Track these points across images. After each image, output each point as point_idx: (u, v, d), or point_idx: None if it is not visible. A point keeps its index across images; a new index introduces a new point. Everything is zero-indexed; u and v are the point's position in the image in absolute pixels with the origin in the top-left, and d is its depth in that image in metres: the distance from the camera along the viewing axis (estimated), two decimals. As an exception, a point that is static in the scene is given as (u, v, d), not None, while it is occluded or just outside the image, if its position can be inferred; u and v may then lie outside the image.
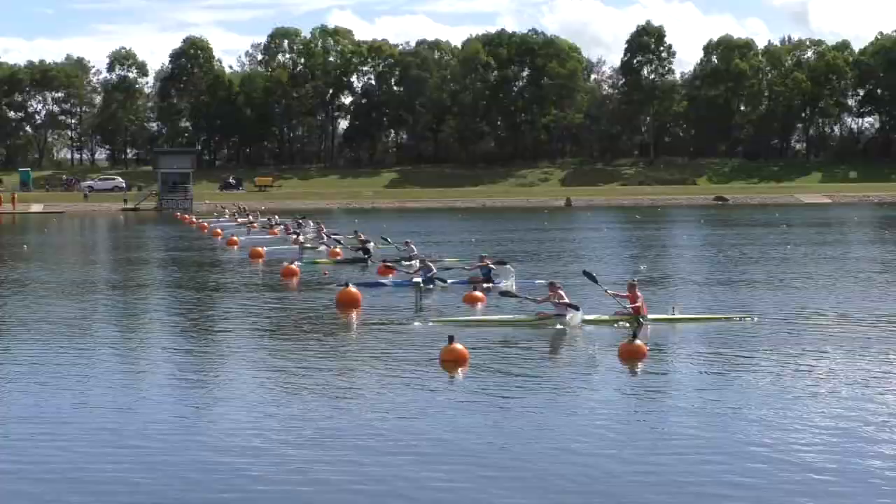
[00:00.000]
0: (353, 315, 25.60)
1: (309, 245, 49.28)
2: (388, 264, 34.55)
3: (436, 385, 17.29)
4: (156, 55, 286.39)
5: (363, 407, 15.78)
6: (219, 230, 61.35)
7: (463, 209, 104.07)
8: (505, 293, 27.20)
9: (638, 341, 19.34)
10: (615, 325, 22.86)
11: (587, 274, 25.94)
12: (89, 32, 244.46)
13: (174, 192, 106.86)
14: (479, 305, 27.30)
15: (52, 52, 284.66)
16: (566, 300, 23.65)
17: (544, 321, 23.53)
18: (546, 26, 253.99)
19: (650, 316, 23.77)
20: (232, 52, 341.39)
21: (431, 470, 12.58)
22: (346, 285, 26.70)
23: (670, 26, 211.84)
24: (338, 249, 44.95)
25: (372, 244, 44.35)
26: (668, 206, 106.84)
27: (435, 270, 32.11)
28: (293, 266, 36.31)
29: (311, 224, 58.55)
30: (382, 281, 32.57)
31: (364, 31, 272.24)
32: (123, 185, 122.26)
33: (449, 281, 31.85)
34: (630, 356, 19.11)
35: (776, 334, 22.14)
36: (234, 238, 52.40)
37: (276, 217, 70.67)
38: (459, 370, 18.25)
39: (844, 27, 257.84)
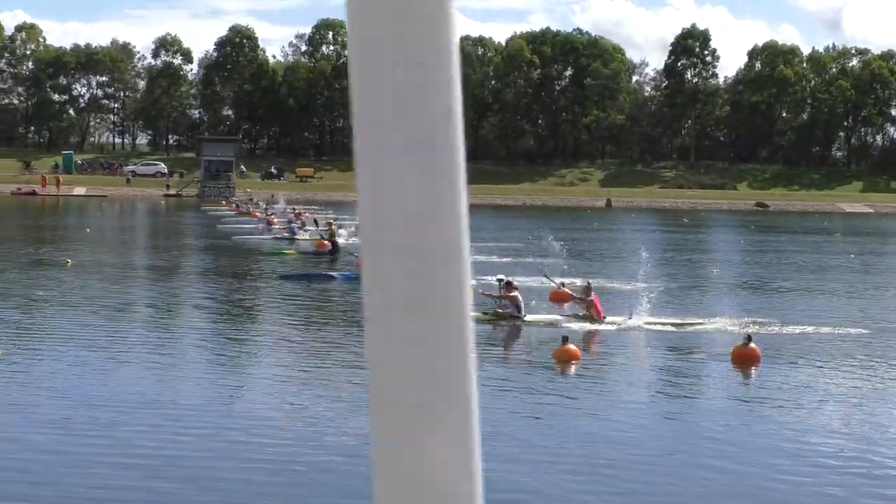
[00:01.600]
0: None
1: (279, 228, 52.28)
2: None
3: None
4: (188, 42, 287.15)
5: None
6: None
7: (503, 206, 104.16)
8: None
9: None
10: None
11: (545, 275, 27.20)
12: (122, 17, 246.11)
13: (216, 180, 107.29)
14: (566, 305, 27.01)
15: (84, 35, 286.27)
16: (520, 302, 24.06)
17: (500, 320, 23.98)
18: (577, 25, 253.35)
19: (608, 319, 23.97)
20: (264, 41, 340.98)
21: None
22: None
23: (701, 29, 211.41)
24: (325, 241, 45.43)
25: (343, 238, 44.86)
26: (709, 210, 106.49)
27: None
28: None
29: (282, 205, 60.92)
30: (332, 273, 33.03)
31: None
32: (165, 170, 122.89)
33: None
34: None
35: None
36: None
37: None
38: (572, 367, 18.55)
39: (878, 34, 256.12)
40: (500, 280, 26.75)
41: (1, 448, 12.91)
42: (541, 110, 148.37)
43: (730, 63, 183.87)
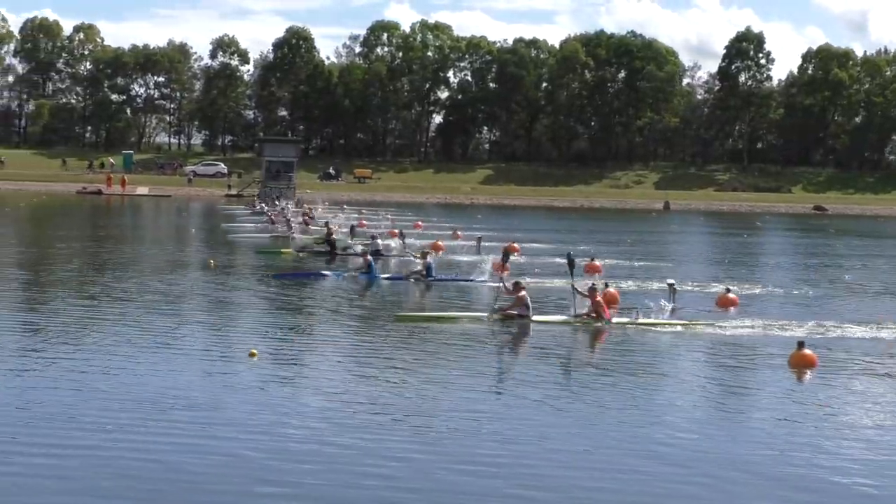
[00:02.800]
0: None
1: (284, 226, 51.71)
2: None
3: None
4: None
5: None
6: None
7: (562, 208, 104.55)
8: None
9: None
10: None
11: (569, 258, 26.15)
12: (149, 17, 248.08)
13: (277, 180, 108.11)
14: (732, 309, 27.21)
15: (112, 35, 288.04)
16: (528, 303, 24.12)
17: (504, 319, 24.04)
18: (603, 26, 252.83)
19: (614, 320, 24.15)
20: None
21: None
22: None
23: (728, 32, 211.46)
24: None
25: (347, 238, 45.26)
26: (768, 213, 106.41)
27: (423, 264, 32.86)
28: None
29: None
30: (324, 272, 33.31)
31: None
32: (225, 171, 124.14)
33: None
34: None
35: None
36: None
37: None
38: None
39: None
40: (670, 284, 27.11)
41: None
42: (594, 112, 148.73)
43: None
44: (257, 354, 18.90)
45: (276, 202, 78.11)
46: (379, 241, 41.00)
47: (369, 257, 33.80)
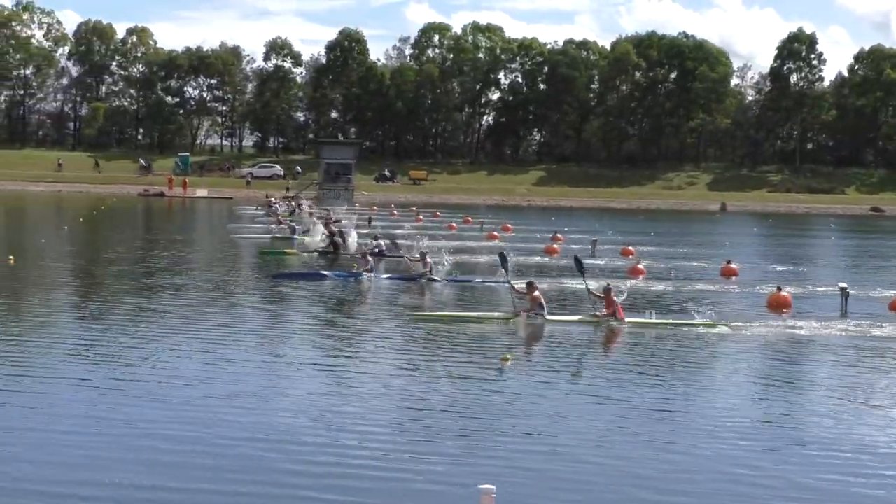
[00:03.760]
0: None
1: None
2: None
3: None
4: (241, 42, 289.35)
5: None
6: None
7: (619, 210, 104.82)
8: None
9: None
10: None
11: (577, 261, 27.01)
12: (173, 18, 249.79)
13: (335, 182, 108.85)
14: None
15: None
16: (539, 303, 24.52)
17: (519, 318, 24.38)
18: (623, 27, 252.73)
19: (627, 319, 24.49)
20: (309, 41, 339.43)
21: None
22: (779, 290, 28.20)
23: (750, 32, 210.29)
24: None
25: (351, 239, 45.00)
26: (824, 214, 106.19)
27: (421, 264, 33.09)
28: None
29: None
30: (324, 272, 33.33)
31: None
32: (281, 173, 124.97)
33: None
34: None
35: None
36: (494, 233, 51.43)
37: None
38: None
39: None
40: (843, 289, 27.36)
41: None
42: (645, 113, 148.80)
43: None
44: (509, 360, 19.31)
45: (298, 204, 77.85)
46: (382, 241, 40.97)
47: (369, 258, 33.78)
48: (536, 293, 24.78)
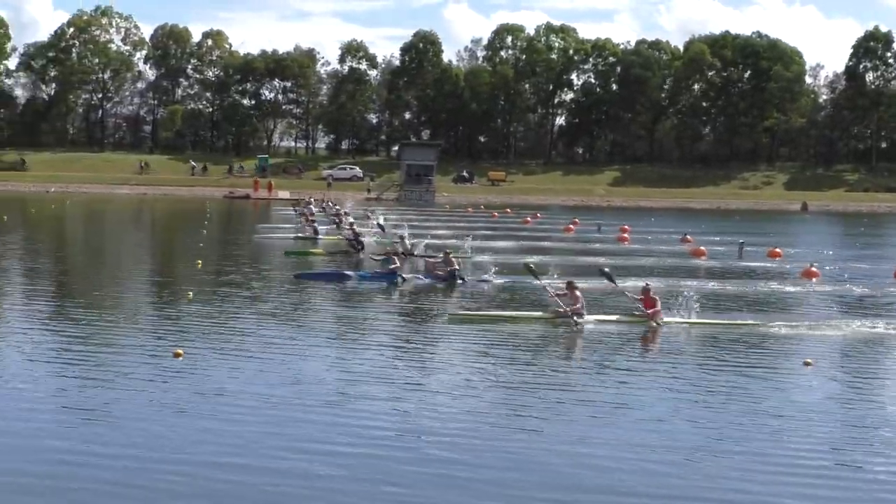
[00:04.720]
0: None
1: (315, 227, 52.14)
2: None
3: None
4: (272, 43, 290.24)
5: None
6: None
7: (699, 210, 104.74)
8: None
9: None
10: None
11: (604, 273, 27.50)
12: (211, 19, 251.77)
13: (416, 184, 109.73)
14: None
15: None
16: (580, 304, 24.75)
17: (557, 319, 24.78)
18: (662, 25, 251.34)
19: (665, 319, 24.84)
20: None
21: None
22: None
23: (791, 29, 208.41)
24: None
25: (374, 238, 46.32)
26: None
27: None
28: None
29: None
30: (348, 272, 33.63)
31: (480, 26, 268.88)
32: (360, 174, 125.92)
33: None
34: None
35: None
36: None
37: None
38: None
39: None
40: None
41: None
42: (719, 113, 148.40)
43: (823, 62, 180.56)
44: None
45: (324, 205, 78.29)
46: (407, 241, 41.34)
47: (395, 258, 33.94)
48: (577, 292, 25.09)
